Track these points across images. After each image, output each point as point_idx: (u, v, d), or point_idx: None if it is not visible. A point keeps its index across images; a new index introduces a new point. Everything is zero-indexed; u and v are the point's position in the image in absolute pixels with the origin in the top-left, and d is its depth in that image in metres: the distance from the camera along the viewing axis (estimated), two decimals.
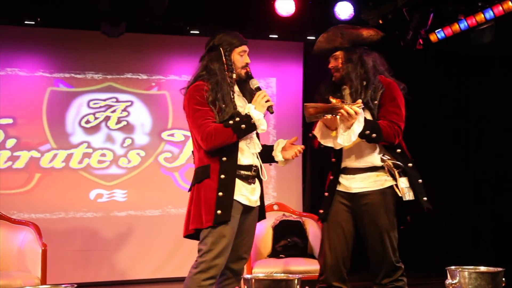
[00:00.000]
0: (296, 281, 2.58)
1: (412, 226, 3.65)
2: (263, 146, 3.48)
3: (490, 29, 5.94)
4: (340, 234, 3.43)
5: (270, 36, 6.64)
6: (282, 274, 2.74)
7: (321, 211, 3.48)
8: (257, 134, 3.41)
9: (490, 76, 6.99)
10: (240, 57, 3.36)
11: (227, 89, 3.26)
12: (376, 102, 3.39)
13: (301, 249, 5.00)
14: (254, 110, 3.22)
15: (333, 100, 3.24)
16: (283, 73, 7.20)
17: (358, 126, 3.23)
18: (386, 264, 3.39)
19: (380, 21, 6.12)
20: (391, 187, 3.36)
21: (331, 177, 3.50)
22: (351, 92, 3.44)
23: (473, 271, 2.65)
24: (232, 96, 3.27)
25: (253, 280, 2.58)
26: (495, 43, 6.02)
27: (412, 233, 6.95)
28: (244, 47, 3.37)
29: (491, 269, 2.69)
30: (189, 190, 3.36)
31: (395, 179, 3.32)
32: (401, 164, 3.33)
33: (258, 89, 3.31)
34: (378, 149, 3.40)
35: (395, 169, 3.32)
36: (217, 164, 3.22)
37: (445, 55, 6.91)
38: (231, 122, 3.19)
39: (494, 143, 7.08)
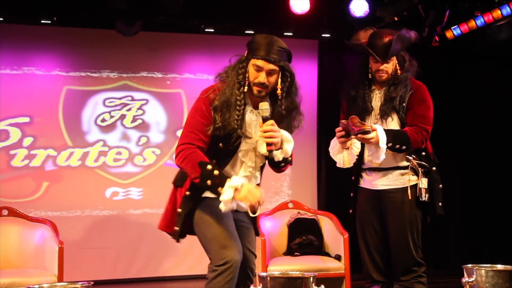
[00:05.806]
0: (311, 279, 2.57)
1: (429, 224, 3.68)
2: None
3: (507, 25, 5.89)
4: (372, 232, 3.57)
5: (285, 34, 6.62)
6: (298, 272, 2.74)
7: (351, 211, 3.67)
8: (268, 160, 3.09)
9: (508, 74, 6.91)
10: (255, 71, 2.92)
11: (235, 98, 2.89)
12: (404, 104, 3.41)
13: (316, 247, 4.99)
14: (236, 180, 2.82)
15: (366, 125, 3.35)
16: (298, 71, 6.99)
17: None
18: (409, 260, 3.42)
19: (396, 18, 6.09)
20: (414, 185, 3.40)
21: (353, 178, 3.58)
22: (387, 92, 3.45)
23: (490, 269, 2.63)
24: (238, 108, 2.89)
25: (269, 278, 2.57)
26: None
27: (429, 232, 6.90)
28: (261, 62, 2.90)
29: (509, 267, 2.67)
30: None
31: (418, 178, 3.38)
32: (426, 165, 3.38)
33: (265, 119, 2.87)
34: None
35: (420, 169, 3.37)
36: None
37: (461, 52, 6.85)
38: (209, 167, 2.83)
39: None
